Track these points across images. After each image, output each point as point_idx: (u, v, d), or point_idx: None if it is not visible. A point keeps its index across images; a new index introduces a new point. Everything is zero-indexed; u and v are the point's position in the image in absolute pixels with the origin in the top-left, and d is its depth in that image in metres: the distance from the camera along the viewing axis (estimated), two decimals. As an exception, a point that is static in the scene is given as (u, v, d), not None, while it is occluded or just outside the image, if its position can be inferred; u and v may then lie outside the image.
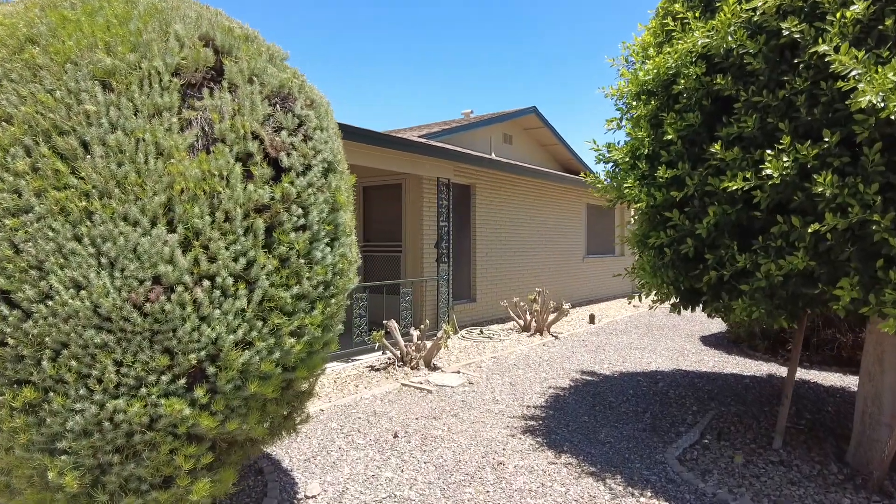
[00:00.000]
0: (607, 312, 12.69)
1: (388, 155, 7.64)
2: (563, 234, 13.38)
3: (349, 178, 3.25)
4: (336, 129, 3.17)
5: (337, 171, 3.00)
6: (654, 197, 4.20)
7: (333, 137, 3.05)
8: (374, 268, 9.86)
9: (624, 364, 7.44)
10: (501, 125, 12.86)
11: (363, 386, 6.12)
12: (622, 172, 4.49)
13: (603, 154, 4.69)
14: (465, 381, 6.32)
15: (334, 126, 3.15)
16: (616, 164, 4.63)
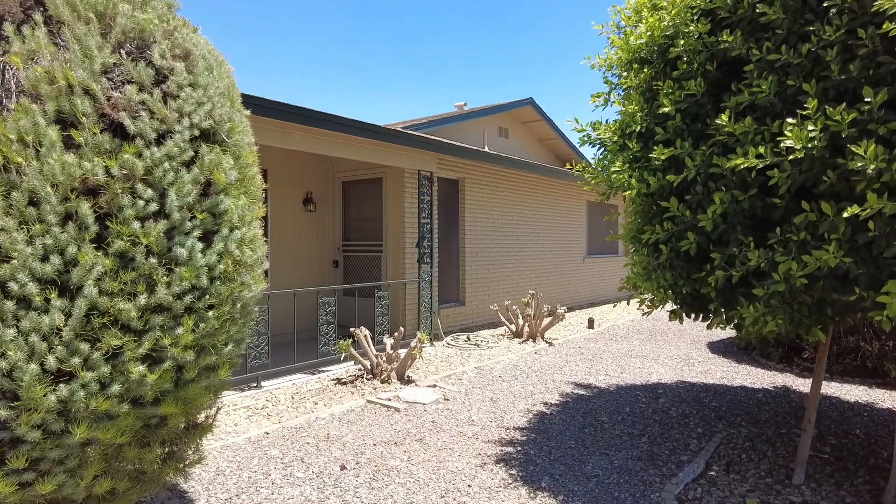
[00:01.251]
0: (608, 316, 11.92)
1: (355, 143, 6.93)
2: (561, 232, 12.63)
3: (250, 154, 2.54)
4: (228, 92, 2.46)
5: (219, 143, 2.29)
6: (648, 183, 3.47)
7: (219, 101, 2.34)
8: (354, 269, 9.16)
9: (622, 375, 6.69)
10: (496, 117, 12.13)
11: (323, 403, 5.41)
12: (609, 155, 3.75)
13: (588, 134, 3.96)
14: (439, 396, 5.60)
15: (226, 88, 2.45)
16: (603, 145, 3.89)
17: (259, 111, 5.49)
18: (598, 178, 3.89)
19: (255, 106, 5.40)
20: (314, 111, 5.96)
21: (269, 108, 5.56)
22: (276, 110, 5.61)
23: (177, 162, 2.06)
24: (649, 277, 3.56)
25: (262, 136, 5.85)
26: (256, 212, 2.63)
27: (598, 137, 3.83)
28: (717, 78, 3.38)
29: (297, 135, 5.95)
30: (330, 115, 6.10)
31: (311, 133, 6.24)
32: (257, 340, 5.79)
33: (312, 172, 9.10)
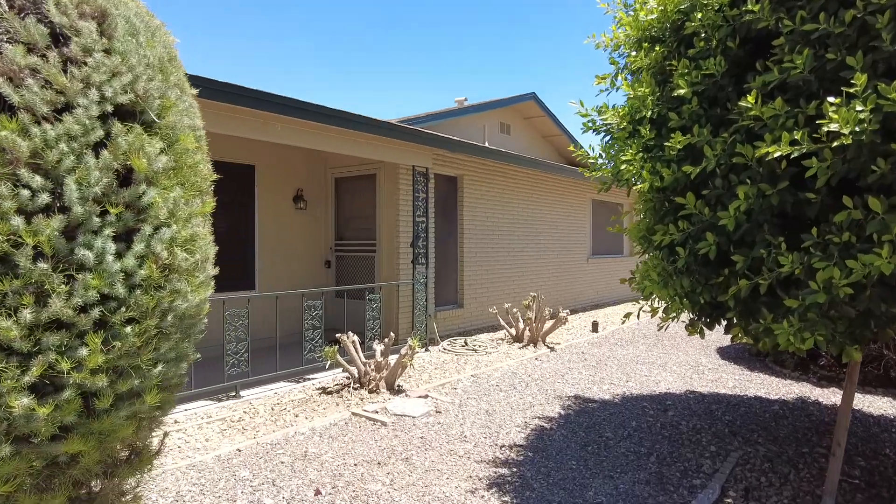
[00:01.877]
0: (613, 319, 11.49)
1: (343, 137, 6.52)
2: (565, 232, 12.21)
3: (188, 138, 2.13)
4: (162, 65, 2.06)
5: (145, 124, 1.88)
6: (661, 175, 3.06)
7: (146, 73, 1.93)
8: (347, 269, 8.76)
9: (628, 384, 6.27)
10: (497, 113, 11.71)
11: (304, 415, 5.01)
12: (618, 142, 3.33)
13: (593, 120, 3.54)
14: (431, 408, 5.20)
15: (158, 59, 2.04)
16: (609, 133, 3.47)
17: (235, 100, 5.09)
18: (604, 170, 3.47)
19: (231, 94, 5.02)
20: (297, 100, 5.56)
21: (247, 96, 5.16)
22: (254, 99, 5.21)
23: (79, 143, 1.66)
24: (665, 284, 3.14)
25: (240, 127, 5.47)
26: (199, 207, 2.23)
27: (605, 123, 3.41)
28: (739, 56, 2.96)
29: (279, 126, 5.55)
30: (314, 106, 5.69)
31: (294, 125, 5.84)
32: (236, 347, 5.40)
33: (304, 168, 8.70)
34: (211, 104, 4.98)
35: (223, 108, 5.12)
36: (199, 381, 5.32)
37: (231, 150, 7.66)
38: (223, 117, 5.22)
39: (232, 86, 5.07)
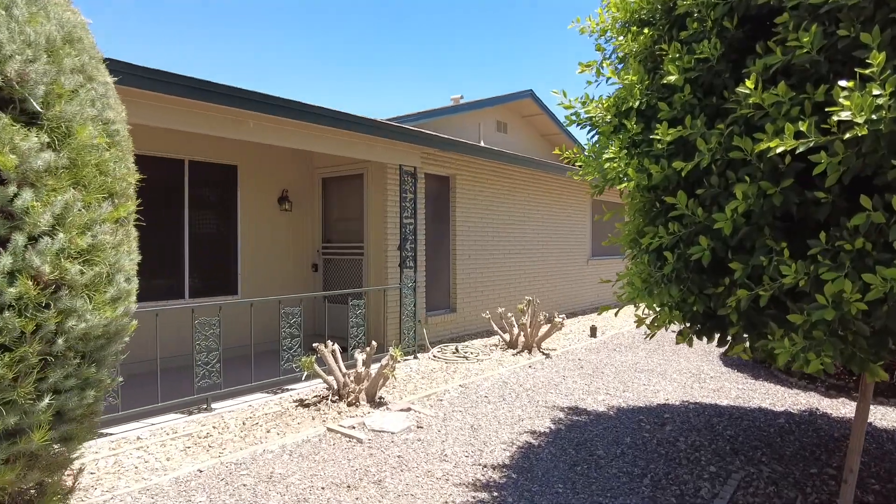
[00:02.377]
0: (613, 322, 11.14)
1: (323, 134, 6.21)
2: (564, 233, 11.87)
3: (85, 130, 1.82)
4: (53, 46, 1.75)
5: (24, 113, 1.58)
6: (649, 173, 2.74)
7: (24, 53, 1.63)
8: (335, 273, 8.45)
9: (624, 394, 5.94)
10: (493, 111, 11.39)
11: (277, 431, 4.71)
12: (602, 138, 3.01)
13: (577, 112, 3.22)
14: (412, 423, 4.88)
15: (48, 38, 1.73)
16: (594, 127, 3.15)
17: (203, 96, 4.79)
18: (589, 169, 3.15)
19: (198, 91, 4.72)
20: (268, 95, 5.25)
21: (213, 91, 4.86)
22: (220, 94, 4.91)
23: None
24: (650, 292, 2.82)
25: (209, 124, 5.16)
26: (109, 212, 1.91)
27: (589, 117, 3.09)
28: (737, 38, 2.64)
29: (251, 123, 5.24)
30: (287, 101, 5.38)
31: (268, 122, 5.53)
32: (207, 357, 5.10)
33: (289, 168, 8.41)
34: (167, 99, 4.69)
35: (178, 102, 4.81)
36: (170, 392, 5.03)
37: (211, 149, 7.37)
38: (183, 113, 4.91)
39: (201, 81, 4.77)
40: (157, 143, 6.84)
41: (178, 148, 7.04)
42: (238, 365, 6.20)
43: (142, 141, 6.93)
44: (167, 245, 6.98)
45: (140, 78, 4.34)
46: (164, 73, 4.52)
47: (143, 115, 4.61)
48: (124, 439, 4.47)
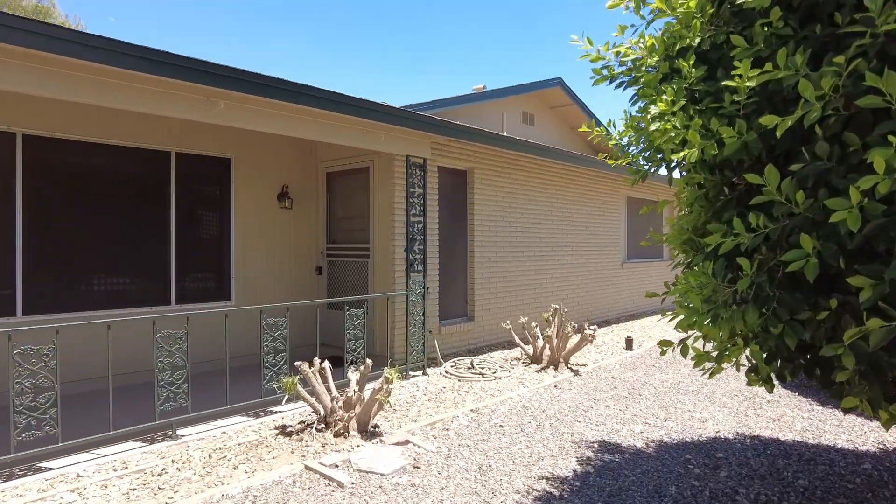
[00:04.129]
0: (651, 332, 10.11)
1: (310, 117, 5.39)
2: (596, 233, 10.88)
3: None
4: None
5: None
6: (719, 138, 1.83)
7: None
8: (340, 276, 7.68)
9: (666, 424, 4.99)
10: (519, 100, 10.49)
11: (246, 468, 3.93)
12: (645, 90, 2.12)
13: (609, 66, 2.33)
14: (408, 461, 4.04)
15: None
16: (636, 79, 2.25)
17: (163, 70, 4.05)
18: (619, 138, 2.26)
19: (153, 63, 3.97)
20: (240, 70, 4.48)
21: (176, 65, 4.10)
22: (184, 68, 4.15)
23: None
24: (716, 318, 1.92)
25: (174, 105, 4.42)
26: None
27: (627, 61, 2.19)
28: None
29: (221, 103, 4.48)
30: (262, 77, 4.60)
31: (245, 103, 4.76)
32: (171, 377, 4.36)
33: (290, 162, 7.68)
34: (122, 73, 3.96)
35: (154, 80, 4.08)
36: (138, 414, 4.32)
37: (201, 140, 6.68)
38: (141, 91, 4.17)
39: (159, 52, 4.03)
40: (138, 133, 6.17)
41: (164, 139, 6.37)
42: (226, 380, 5.45)
43: (121, 130, 6.36)
44: (150, 246, 6.31)
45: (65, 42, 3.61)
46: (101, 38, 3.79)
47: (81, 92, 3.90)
48: (62, 476, 3.75)
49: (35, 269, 5.54)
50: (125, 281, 6.15)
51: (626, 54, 2.23)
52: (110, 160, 6.03)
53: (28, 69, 3.69)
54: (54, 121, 5.63)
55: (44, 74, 3.76)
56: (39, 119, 5.55)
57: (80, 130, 5.80)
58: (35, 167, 5.55)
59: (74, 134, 5.77)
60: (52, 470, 3.84)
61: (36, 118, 5.53)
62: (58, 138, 5.68)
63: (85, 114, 5.79)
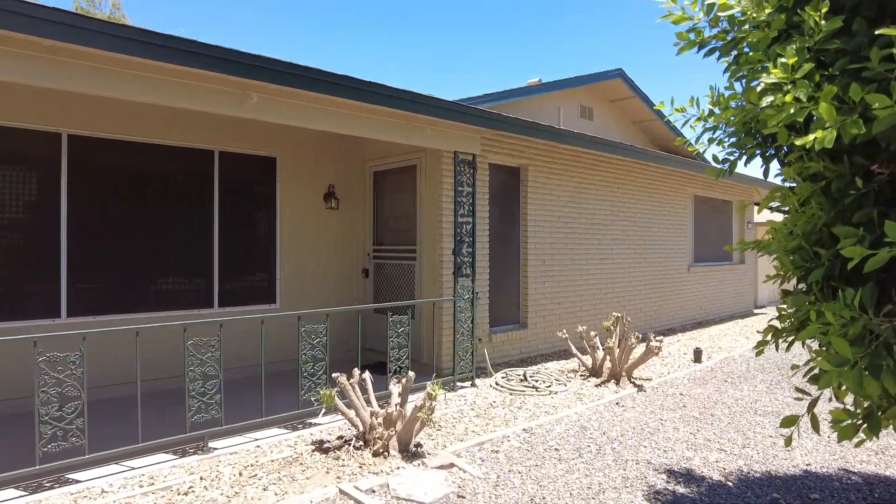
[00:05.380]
0: (721, 343, 9.31)
1: (349, 111, 5.06)
2: (660, 235, 10.16)
3: None
4: None
5: None
6: (864, 112, 1.33)
7: None
8: (387, 279, 7.37)
9: (745, 451, 4.38)
10: (576, 93, 9.92)
11: (277, 489, 3.62)
12: (751, 54, 1.63)
13: (695, 29, 1.84)
14: (452, 489, 3.63)
15: None
16: (734, 36, 1.76)
17: (192, 61, 3.80)
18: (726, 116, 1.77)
19: (185, 53, 3.73)
20: (277, 61, 4.19)
21: (205, 55, 3.85)
22: (215, 59, 3.89)
23: None
24: (876, 368, 1.41)
25: (205, 99, 4.18)
26: None
27: (722, 19, 1.70)
28: None
29: (254, 96, 4.20)
30: (299, 67, 4.30)
31: (280, 97, 4.47)
32: (203, 386, 4.12)
33: (337, 161, 7.43)
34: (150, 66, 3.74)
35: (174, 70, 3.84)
36: (174, 420, 4.11)
37: (245, 139, 6.50)
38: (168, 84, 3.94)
39: (186, 40, 3.79)
40: (181, 131, 6.04)
41: (207, 137, 6.22)
42: (261, 391, 5.22)
43: (164, 129, 6.24)
44: (193, 247, 6.17)
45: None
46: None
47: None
48: (87, 491, 3.55)
49: (79, 270, 5.47)
50: (168, 282, 6.03)
51: (723, 7, 1.74)
52: (153, 159, 5.92)
53: (69, 65, 3.52)
54: (98, 120, 5.55)
55: (79, 69, 3.58)
56: (83, 119, 5.47)
57: (122, 129, 5.70)
58: (79, 167, 5.48)
59: (117, 133, 5.68)
60: (79, 483, 3.65)
61: (79, 118, 5.45)
62: (101, 138, 5.59)
63: (126, 112, 5.69)
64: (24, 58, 3.39)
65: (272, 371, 5.96)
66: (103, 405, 5.18)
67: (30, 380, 3.84)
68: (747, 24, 1.72)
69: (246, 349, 6.25)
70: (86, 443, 3.65)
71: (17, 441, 4.27)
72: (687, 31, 1.93)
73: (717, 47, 1.92)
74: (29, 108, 5.19)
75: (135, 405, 3.94)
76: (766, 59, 1.64)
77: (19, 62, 3.39)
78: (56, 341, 3.72)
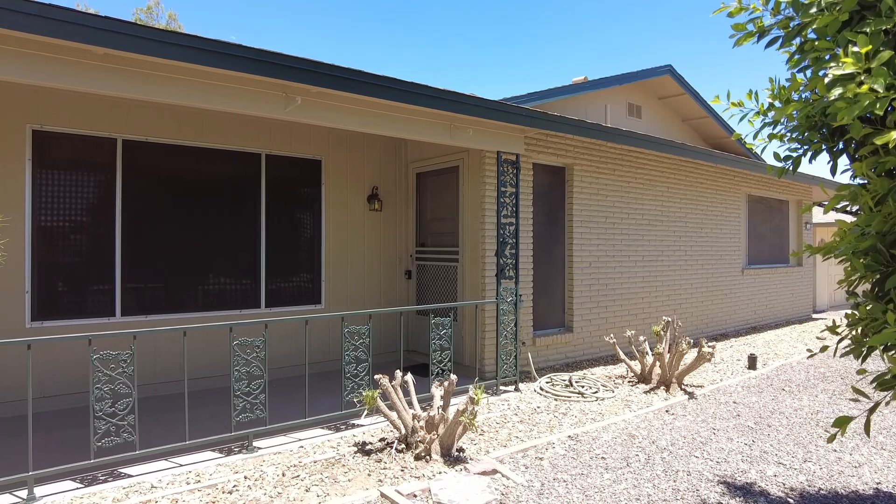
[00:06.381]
0: (777, 349, 8.89)
1: (389, 112, 5.05)
2: (712, 236, 9.80)
3: None
4: None
5: None
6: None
7: None
8: (430, 280, 7.34)
9: (807, 466, 4.13)
10: (623, 91, 9.66)
11: (319, 491, 3.62)
12: (818, 41, 1.50)
13: (755, 15, 1.71)
14: (495, 496, 3.55)
15: None
16: (800, 21, 1.63)
17: (237, 65, 3.86)
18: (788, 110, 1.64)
19: (230, 57, 3.78)
20: (317, 62, 4.20)
21: (250, 59, 3.89)
22: (258, 62, 3.93)
23: None
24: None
25: (249, 102, 4.24)
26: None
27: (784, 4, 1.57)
28: None
29: (298, 99, 4.23)
30: (340, 69, 4.30)
31: (323, 99, 4.50)
32: (248, 385, 4.17)
33: (380, 162, 7.45)
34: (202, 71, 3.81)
35: (214, 73, 3.91)
36: (223, 419, 4.18)
37: (291, 142, 6.59)
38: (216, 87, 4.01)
39: (223, 43, 3.85)
40: (230, 135, 6.17)
41: (255, 141, 6.34)
42: (305, 391, 5.27)
43: (213, 133, 6.39)
44: (241, 248, 6.30)
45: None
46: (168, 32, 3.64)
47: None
48: (137, 486, 3.64)
49: (132, 271, 5.65)
50: (216, 283, 6.17)
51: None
52: (202, 163, 6.07)
53: (124, 73, 3.62)
54: (150, 125, 5.72)
55: (134, 76, 3.68)
56: (136, 124, 5.65)
57: (173, 134, 5.86)
58: (133, 171, 5.66)
59: (168, 137, 5.84)
60: (130, 477, 3.75)
61: (133, 123, 5.63)
62: (153, 142, 5.76)
63: (177, 117, 5.85)
64: (80, 66, 3.51)
65: (314, 371, 6.01)
66: (149, 402, 5.32)
67: (85, 376, 3.98)
68: (814, 8, 1.58)
69: (289, 349, 6.35)
70: (136, 439, 3.75)
71: (75, 435, 4.43)
72: (745, 21, 1.80)
73: (778, 36, 1.78)
74: (87, 115, 5.39)
75: (179, 403, 4.03)
76: (834, 46, 1.50)
77: (76, 70, 3.50)
78: (109, 340, 3.83)
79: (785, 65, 1.92)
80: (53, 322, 5.22)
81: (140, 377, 3.86)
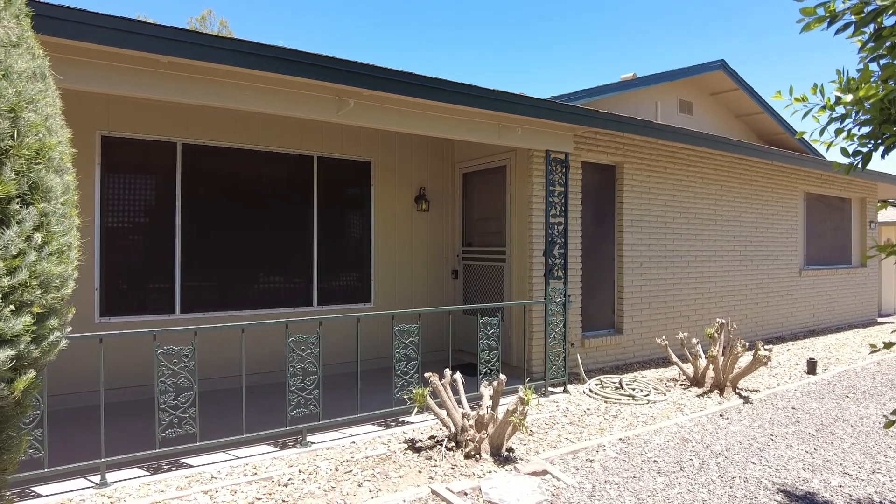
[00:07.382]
0: (839, 353, 8.51)
1: (440, 113, 5.09)
2: (767, 235, 9.46)
3: None
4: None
5: None
6: None
7: None
8: (476, 280, 7.35)
9: (875, 477, 3.95)
10: (673, 87, 9.44)
11: (371, 486, 3.69)
12: (893, 29, 1.44)
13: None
14: (546, 497, 3.54)
15: None
16: (878, 4, 1.56)
17: (291, 69, 3.96)
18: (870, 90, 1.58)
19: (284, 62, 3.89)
20: (373, 66, 4.27)
21: (304, 63, 4.00)
22: (312, 66, 4.03)
23: None
24: None
25: (304, 106, 4.35)
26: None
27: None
28: None
29: (351, 102, 4.32)
30: (391, 72, 4.35)
31: (375, 101, 4.57)
32: (302, 381, 4.29)
33: (427, 163, 7.52)
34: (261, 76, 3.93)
35: (266, 77, 4.03)
36: (278, 414, 4.32)
37: (342, 144, 6.73)
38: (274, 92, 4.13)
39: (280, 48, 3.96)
40: (283, 138, 6.34)
41: (307, 143, 6.50)
42: (357, 387, 5.37)
43: (267, 136, 6.57)
44: (294, 248, 6.47)
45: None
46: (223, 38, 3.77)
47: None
48: (199, 476, 3.79)
49: (190, 269, 5.88)
50: (270, 281, 6.35)
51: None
52: (257, 165, 6.26)
53: (184, 79, 3.79)
54: (208, 129, 5.94)
55: (194, 83, 3.84)
56: (195, 128, 5.87)
57: (229, 137, 6.07)
58: (191, 174, 5.89)
59: (225, 141, 6.05)
60: (192, 467, 3.91)
61: (192, 127, 5.86)
62: (211, 146, 5.98)
63: (233, 121, 6.05)
64: (147, 74, 3.68)
65: (364, 369, 6.11)
66: (207, 396, 5.53)
67: (146, 370, 4.15)
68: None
69: (340, 346, 6.47)
70: (197, 431, 3.90)
71: (140, 425, 4.64)
72: (814, 6, 1.73)
73: (850, 22, 1.71)
74: (149, 121, 5.64)
75: (230, 396, 4.17)
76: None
77: (139, 77, 3.68)
78: (171, 335, 4.00)
79: (857, 54, 1.84)
80: (119, 318, 5.48)
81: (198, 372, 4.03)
